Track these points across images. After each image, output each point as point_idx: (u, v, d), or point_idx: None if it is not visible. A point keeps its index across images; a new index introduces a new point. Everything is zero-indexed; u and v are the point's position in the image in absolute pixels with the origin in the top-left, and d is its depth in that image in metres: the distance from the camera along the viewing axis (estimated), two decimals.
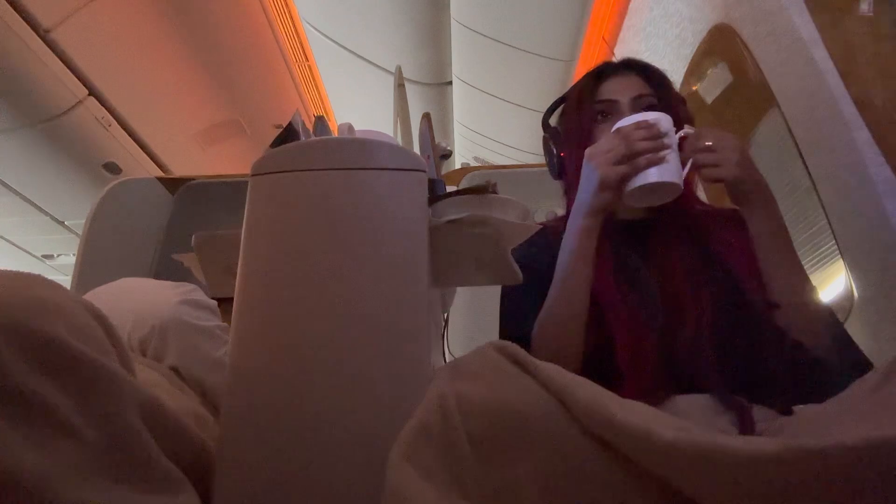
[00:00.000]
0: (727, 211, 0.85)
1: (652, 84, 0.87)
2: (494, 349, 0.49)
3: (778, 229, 0.73)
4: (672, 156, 0.71)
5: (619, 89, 0.87)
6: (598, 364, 0.71)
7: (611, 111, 0.85)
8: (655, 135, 0.71)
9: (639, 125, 0.72)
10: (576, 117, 0.88)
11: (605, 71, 0.90)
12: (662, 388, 0.67)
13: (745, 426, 0.61)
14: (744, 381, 0.66)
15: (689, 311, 0.71)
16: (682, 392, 0.67)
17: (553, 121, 0.96)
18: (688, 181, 0.75)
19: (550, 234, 0.86)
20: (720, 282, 0.73)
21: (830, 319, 0.74)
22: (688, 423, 0.41)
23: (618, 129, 0.74)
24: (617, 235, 0.79)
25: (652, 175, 0.70)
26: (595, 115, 0.87)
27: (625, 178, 0.72)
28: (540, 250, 0.85)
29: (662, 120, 0.73)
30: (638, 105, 0.85)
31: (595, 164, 0.74)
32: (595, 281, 0.75)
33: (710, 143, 0.72)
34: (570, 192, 0.89)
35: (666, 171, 0.70)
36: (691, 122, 0.84)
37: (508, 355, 0.48)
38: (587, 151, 0.76)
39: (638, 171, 0.71)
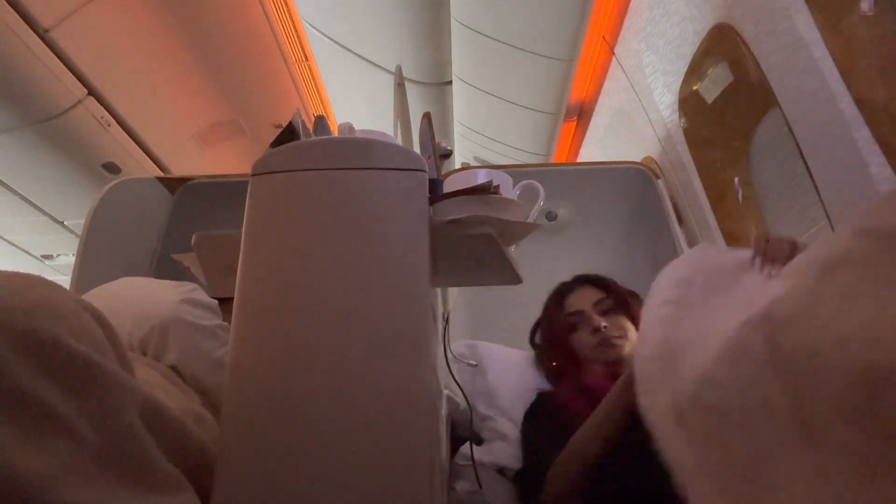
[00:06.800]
0: None
1: (604, 290, 1.13)
2: None
3: None
4: None
5: (581, 300, 1.13)
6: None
7: (579, 319, 1.11)
8: None
9: None
10: (552, 331, 1.16)
11: (564, 290, 1.18)
12: None
13: None
14: None
15: None
16: None
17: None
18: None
19: (549, 401, 1.09)
20: None
21: None
22: None
23: None
24: None
25: None
26: (568, 326, 1.13)
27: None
28: (546, 415, 1.07)
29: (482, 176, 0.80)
30: (599, 308, 1.10)
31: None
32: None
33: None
34: (557, 381, 1.16)
35: None
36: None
37: None
38: None
39: None
